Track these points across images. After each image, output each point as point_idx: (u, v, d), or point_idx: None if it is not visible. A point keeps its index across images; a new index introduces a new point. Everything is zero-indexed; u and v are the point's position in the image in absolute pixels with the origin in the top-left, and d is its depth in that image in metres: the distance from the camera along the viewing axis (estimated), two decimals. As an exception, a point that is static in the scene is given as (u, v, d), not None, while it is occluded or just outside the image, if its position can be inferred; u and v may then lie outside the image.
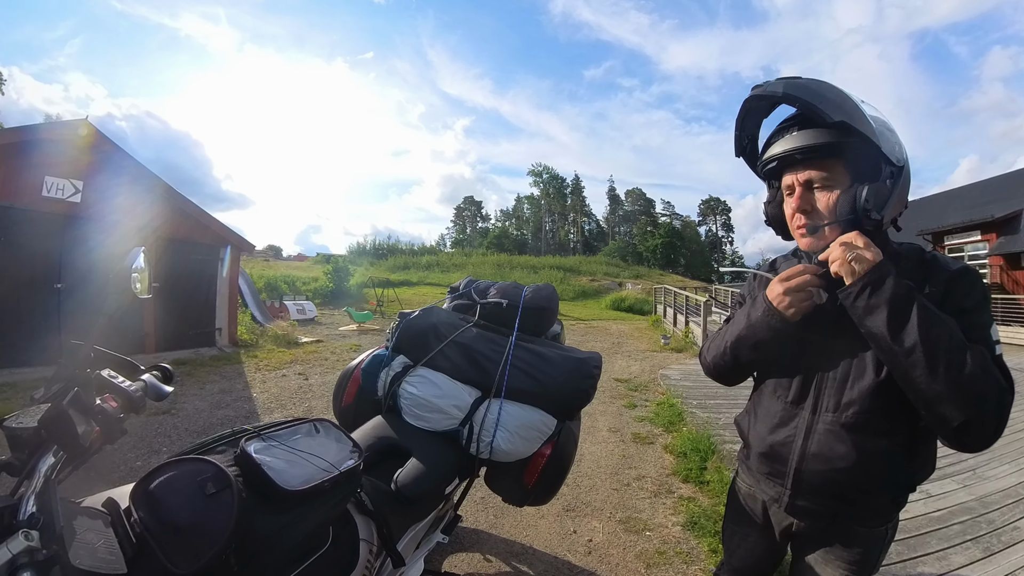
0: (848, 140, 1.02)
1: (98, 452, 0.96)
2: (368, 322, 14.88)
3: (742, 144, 1.27)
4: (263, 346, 10.29)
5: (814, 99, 1.02)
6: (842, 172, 1.08)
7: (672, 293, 17.81)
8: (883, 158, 1.03)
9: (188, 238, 9.74)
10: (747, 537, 1.41)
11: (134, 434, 4.64)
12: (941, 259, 1.10)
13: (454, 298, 2.49)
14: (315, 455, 1.27)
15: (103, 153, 8.29)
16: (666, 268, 59.48)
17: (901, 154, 1.06)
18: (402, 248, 52.30)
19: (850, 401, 1.10)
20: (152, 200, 8.97)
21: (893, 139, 1.06)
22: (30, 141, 7.44)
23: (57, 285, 7.62)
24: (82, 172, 7.92)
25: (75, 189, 7.86)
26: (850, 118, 0.99)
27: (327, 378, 7.42)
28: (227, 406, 5.91)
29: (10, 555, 0.72)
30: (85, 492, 1.09)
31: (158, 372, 1.18)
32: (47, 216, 7.54)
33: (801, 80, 1.09)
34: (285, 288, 21.30)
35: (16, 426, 0.85)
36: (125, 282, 1.13)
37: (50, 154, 7.52)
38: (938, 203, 21.60)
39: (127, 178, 8.56)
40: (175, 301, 9.06)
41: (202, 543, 0.94)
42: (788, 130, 1.12)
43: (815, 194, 1.11)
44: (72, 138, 7.87)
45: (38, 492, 0.81)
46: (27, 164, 7.34)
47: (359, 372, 2.18)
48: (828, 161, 1.07)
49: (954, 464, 3.93)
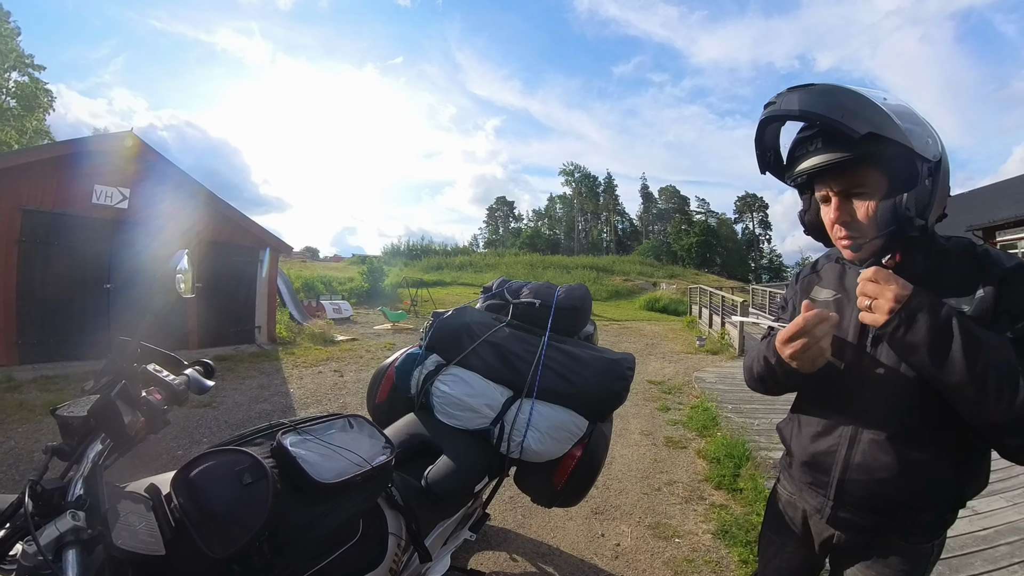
0: (878, 148, 0.95)
1: (142, 441, 1.01)
2: (402, 321, 15.06)
3: (765, 160, 1.21)
4: (300, 343, 10.53)
5: (834, 114, 0.95)
6: (877, 177, 1.01)
7: (708, 293, 17.43)
8: (917, 157, 0.96)
9: (229, 241, 10.11)
10: (784, 547, 1.36)
11: (177, 425, 4.82)
12: (994, 255, 1.03)
13: (487, 298, 2.50)
14: (348, 450, 1.30)
15: (148, 162, 8.75)
16: (701, 267, 58.20)
17: (936, 148, 1.00)
18: (435, 249, 52.74)
19: (893, 411, 1.06)
20: (195, 205, 9.37)
21: (925, 133, 0.99)
22: (80, 153, 7.96)
23: (106, 285, 8.09)
24: (129, 180, 8.40)
25: (123, 196, 8.35)
26: (877, 127, 0.93)
27: (362, 375, 7.56)
28: (265, 400, 6.08)
29: (58, 533, 0.76)
30: (129, 478, 1.14)
31: (200, 367, 1.22)
32: (97, 222, 8.05)
33: (815, 89, 1.01)
34: (322, 288, 21.71)
35: (68, 415, 0.90)
36: (170, 282, 1.18)
37: (99, 164, 8.03)
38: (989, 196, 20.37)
39: (171, 185, 8.99)
40: (217, 300, 9.41)
41: (237, 530, 0.97)
42: (812, 141, 1.06)
43: (852, 203, 1.05)
44: (119, 149, 8.35)
45: (86, 476, 0.86)
46: (78, 174, 7.84)
47: (393, 370, 2.21)
48: (860, 169, 1.01)
49: (1003, 480, 3.70)
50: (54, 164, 7.68)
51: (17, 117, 30.12)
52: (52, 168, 7.65)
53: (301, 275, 23.56)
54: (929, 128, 1.01)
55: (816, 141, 1.04)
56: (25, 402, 5.54)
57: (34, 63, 31.39)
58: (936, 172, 1.00)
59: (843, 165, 1.00)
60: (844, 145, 0.98)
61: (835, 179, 1.05)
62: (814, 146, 1.04)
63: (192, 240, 9.03)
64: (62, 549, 0.76)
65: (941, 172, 1.01)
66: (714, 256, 66.38)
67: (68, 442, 0.90)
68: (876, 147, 0.95)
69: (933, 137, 1.01)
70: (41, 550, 0.73)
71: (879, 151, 0.96)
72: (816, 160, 1.04)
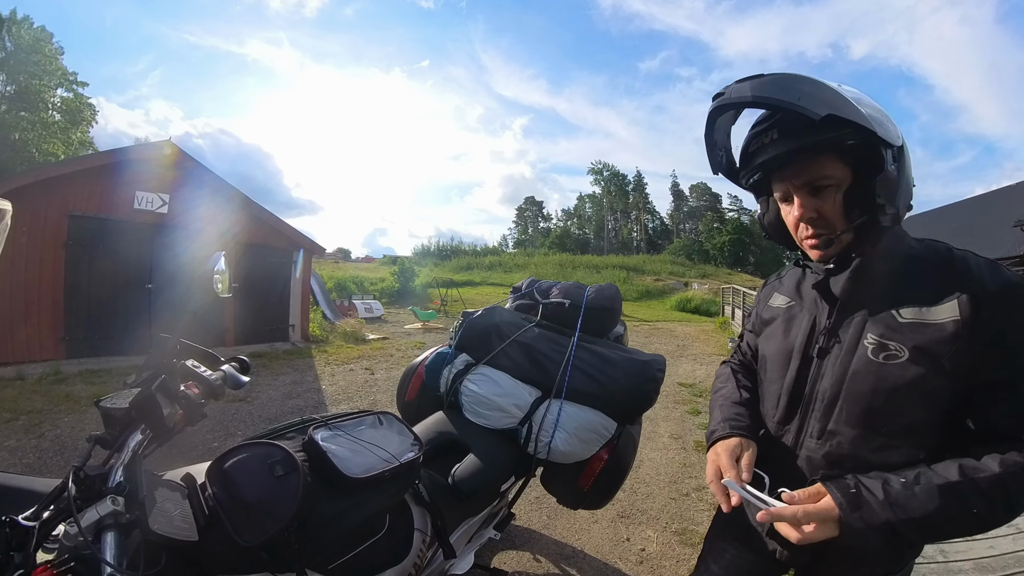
0: (839, 132, 0.87)
1: (180, 432, 1.05)
2: (432, 321, 15.18)
3: (717, 159, 1.10)
4: (333, 342, 10.71)
5: (791, 96, 0.87)
6: (840, 168, 0.92)
7: (741, 294, 17.05)
8: (881, 142, 0.88)
9: (264, 243, 10.40)
10: (724, 552, 1.25)
11: (213, 418, 4.97)
12: (975, 265, 0.90)
13: (516, 298, 2.49)
14: (378, 446, 1.32)
15: (185, 169, 9.16)
16: (734, 267, 56.89)
17: (897, 133, 0.92)
18: (465, 249, 53.22)
19: (835, 430, 0.97)
20: (231, 209, 9.70)
21: (885, 119, 0.90)
22: (122, 161, 8.45)
23: (148, 285, 8.51)
24: (168, 186, 8.83)
25: (162, 201, 8.79)
26: (837, 109, 0.84)
27: (392, 373, 7.64)
28: (298, 396, 6.21)
29: (98, 516, 0.80)
30: (167, 467, 1.18)
31: (236, 363, 1.26)
32: (139, 226, 8.47)
33: (768, 77, 0.92)
34: (354, 288, 22.02)
35: (111, 406, 0.94)
36: (208, 283, 1.22)
37: (140, 172, 8.49)
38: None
39: (208, 190, 9.36)
40: (252, 300, 9.67)
41: (268, 520, 1.00)
42: (767, 134, 0.96)
43: (817, 197, 0.95)
44: (158, 157, 8.82)
45: (126, 464, 0.89)
46: (120, 181, 8.32)
47: (423, 369, 2.22)
48: (821, 159, 0.92)
49: None
50: (98, 173, 8.18)
51: (63, 130, 32.02)
52: (96, 176, 8.13)
53: (334, 275, 23.96)
54: (889, 117, 0.94)
55: (771, 132, 0.95)
56: (71, 394, 5.81)
57: (77, 79, 33.49)
58: (901, 157, 0.92)
59: (803, 157, 0.92)
60: (802, 134, 0.90)
61: (796, 173, 0.95)
62: (769, 138, 0.95)
63: (229, 242, 9.32)
64: (101, 531, 0.80)
65: (905, 158, 0.94)
66: (747, 255, 64.63)
67: (110, 432, 0.94)
68: (837, 133, 0.87)
69: (893, 124, 0.93)
70: (82, 531, 0.76)
71: (840, 138, 0.88)
72: (773, 151, 0.94)
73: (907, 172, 0.94)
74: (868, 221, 0.91)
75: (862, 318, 0.95)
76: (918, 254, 0.95)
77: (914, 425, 0.90)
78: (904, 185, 0.93)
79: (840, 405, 0.95)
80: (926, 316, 0.88)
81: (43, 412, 5.11)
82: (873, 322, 0.93)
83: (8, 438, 4.40)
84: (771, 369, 1.13)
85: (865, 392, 0.92)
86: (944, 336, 0.85)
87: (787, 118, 0.91)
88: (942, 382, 0.86)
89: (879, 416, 0.91)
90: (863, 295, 0.96)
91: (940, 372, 0.85)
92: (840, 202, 0.93)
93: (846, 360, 0.95)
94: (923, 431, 0.90)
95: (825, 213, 0.94)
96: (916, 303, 0.90)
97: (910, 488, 0.81)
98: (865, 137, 0.87)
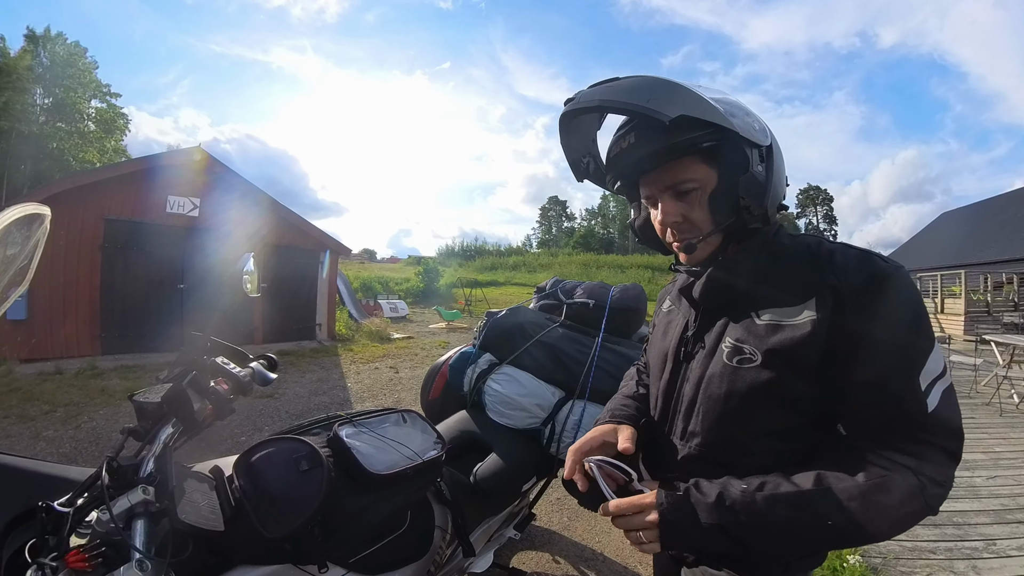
0: (697, 134, 0.83)
1: (209, 426, 1.07)
2: (457, 320, 15.26)
3: (581, 166, 1.07)
4: (358, 341, 10.85)
5: (638, 99, 0.82)
6: (703, 169, 0.87)
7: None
8: (745, 142, 0.85)
9: (292, 244, 10.66)
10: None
11: (241, 413, 5.08)
12: (841, 257, 0.84)
13: (540, 298, 2.48)
14: (401, 443, 1.33)
15: (215, 174, 9.50)
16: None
17: (764, 130, 0.89)
18: (489, 249, 53.38)
19: (694, 431, 0.93)
20: (259, 212, 9.99)
21: (749, 119, 0.87)
22: (155, 168, 8.83)
23: (180, 286, 8.84)
24: (199, 191, 9.17)
25: (193, 205, 9.14)
26: (688, 109, 0.80)
27: (416, 372, 7.69)
28: (324, 393, 6.30)
29: (129, 504, 0.82)
30: (196, 459, 1.21)
31: (264, 361, 1.28)
32: (171, 229, 8.83)
33: (621, 81, 0.89)
34: (379, 288, 22.26)
35: (143, 400, 0.97)
36: (237, 283, 1.25)
37: (171, 177, 8.86)
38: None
39: (237, 194, 9.66)
40: (280, 299, 9.91)
41: (292, 513, 1.02)
42: (625, 138, 0.91)
43: (681, 201, 0.90)
44: (189, 163, 9.17)
45: (157, 456, 0.92)
46: (153, 186, 8.69)
47: (447, 368, 2.23)
48: (684, 161, 0.87)
49: None
50: (132, 179, 8.57)
51: (98, 139, 33.79)
52: (130, 182, 8.51)
53: (359, 276, 24.24)
54: (756, 116, 0.90)
55: (629, 137, 0.90)
56: (107, 388, 6.02)
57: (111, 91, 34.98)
58: (769, 157, 0.89)
59: (663, 160, 0.88)
60: (659, 136, 0.85)
61: (658, 177, 0.90)
62: (627, 142, 0.91)
63: (257, 244, 9.58)
64: (132, 519, 0.83)
65: (774, 157, 0.90)
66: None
67: (143, 425, 0.97)
68: (696, 135, 0.83)
69: (760, 121, 0.90)
70: (113, 518, 0.79)
71: (699, 140, 0.84)
72: (630, 155, 0.90)
73: (777, 171, 0.90)
74: (736, 223, 0.88)
75: (724, 322, 0.92)
76: (786, 252, 0.90)
77: (775, 430, 0.85)
78: (774, 185, 0.89)
79: (697, 408, 0.92)
80: (783, 318, 0.84)
81: (80, 405, 5.31)
82: (733, 325, 0.90)
83: (47, 428, 4.59)
84: (652, 372, 1.11)
85: (719, 396, 0.88)
86: (800, 337, 0.80)
87: (644, 122, 0.86)
88: (802, 386, 0.81)
89: (735, 420, 0.87)
90: (724, 298, 0.93)
91: (798, 376, 0.80)
92: (706, 205, 0.89)
93: (704, 363, 0.92)
94: (789, 436, 0.85)
95: (691, 217, 0.90)
96: (775, 304, 0.86)
97: (750, 495, 0.77)
98: (726, 137, 0.84)
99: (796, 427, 0.84)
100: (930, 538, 2.88)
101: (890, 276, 0.78)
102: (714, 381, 0.89)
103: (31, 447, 4.18)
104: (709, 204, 0.88)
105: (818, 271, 0.83)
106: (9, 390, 5.78)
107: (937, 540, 2.86)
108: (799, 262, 0.87)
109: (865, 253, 0.84)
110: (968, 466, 3.96)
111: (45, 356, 7.33)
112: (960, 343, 11.46)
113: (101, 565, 0.78)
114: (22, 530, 0.86)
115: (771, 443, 0.85)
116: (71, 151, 31.17)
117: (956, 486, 3.48)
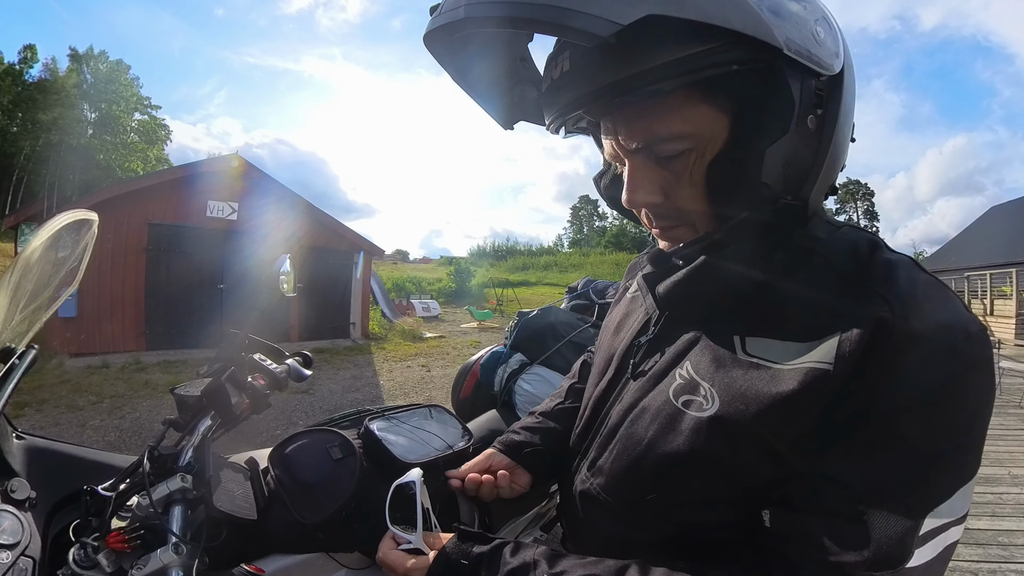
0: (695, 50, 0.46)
1: (246, 420, 1.10)
2: (488, 320, 15.34)
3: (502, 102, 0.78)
4: (391, 339, 11.03)
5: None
6: (704, 115, 0.53)
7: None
8: (791, 65, 0.48)
9: (326, 245, 10.97)
10: None
11: (277, 408, 5.16)
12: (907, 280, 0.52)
13: (572, 298, 2.44)
14: (430, 434, 1.35)
15: (252, 179, 9.95)
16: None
17: (834, 50, 0.52)
18: (520, 249, 53.60)
19: (602, 467, 0.69)
20: (295, 215, 10.36)
21: (809, 17, 0.50)
22: (195, 174, 9.37)
23: (220, 285, 9.28)
24: (237, 195, 9.64)
25: (232, 209, 9.62)
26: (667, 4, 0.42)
27: (448, 371, 7.76)
28: (357, 390, 6.46)
29: (168, 491, 0.86)
30: (232, 450, 1.24)
31: (300, 358, 1.31)
32: (211, 232, 9.29)
33: None
34: (412, 288, 22.56)
35: (184, 393, 1.01)
36: (274, 283, 1.28)
37: (211, 183, 9.33)
38: None
39: (273, 198, 10.07)
40: (316, 299, 10.16)
41: (326, 499, 1.04)
42: (556, 61, 0.55)
43: (662, 170, 0.57)
44: (227, 169, 9.68)
45: (195, 446, 0.95)
46: (194, 192, 9.19)
47: (478, 367, 2.22)
48: (669, 100, 0.51)
49: None
50: (173, 185, 9.09)
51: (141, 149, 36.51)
52: (172, 188, 9.02)
53: (392, 276, 24.62)
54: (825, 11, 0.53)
55: (562, 59, 0.54)
56: (150, 381, 6.32)
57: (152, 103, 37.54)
58: (832, 99, 0.53)
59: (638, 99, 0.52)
60: (614, 58, 0.48)
61: (626, 125, 0.55)
62: (559, 68, 0.54)
63: (293, 245, 9.92)
64: (170, 505, 0.86)
65: (843, 98, 0.53)
66: (813, 253, 61.52)
67: (183, 416, 1.00)
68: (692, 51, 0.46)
69: (833, 33, 0.53)
70: (153, 504, 0.82)
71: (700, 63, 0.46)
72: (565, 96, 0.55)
73: (841, 128, 0.54)
74: (753, 218, 0.54)
75: (691, 338, 0.63)
76: (817, 251, 0.58)
77: (703, 500, 0.59)
78: (832, 154, 0.54)
79: (615, 442, 0.67)
80: (777, 357, 0.53)
81: (124, 397, 5.59)
82: (703, 348, 0.61)
83: (93, 418, 4.86)
84: (593, 372, 0.86)
85: (641, 439, 0.62)
86: (790, 393, 0.50)
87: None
88: (762, 465, 0.53)
89: (652, 477, 0.61)
90: (700, 309, 0.64)
91: (763, 447, 0.52)
92: (702, 179, 0.55)
93: (644, 389, 0.66)
94: (721, 508, 0.58)
95: (675, 197, 0.58)
96: (774, 332, 0.55)
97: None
98: (756, 57, 0.47)
99: (733, 501, 0.57)
100: (972, 558, 2.72)
101: (974, 345, 0.48)
102: (644, 418, 0.63)
103: (78, 435, 4.42)
104: (708, 179, 0.55)
105: (862, 291, 0.51)
106: (59, 382, 6.07)
107: (980, 560, 2.71)
108: (834, 271, 0.55)
109: (945, 289, 0.53)
110: (1018, 482, 3.75)
111: (93, 351, 7.71)
112: (1011, 348, 10.94)
113: (139, 547, 0.81)
114: (67, 511, 0.90)
115: (694, 513, 0.60)
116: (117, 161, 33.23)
117: (1002, 504, 3.42)
